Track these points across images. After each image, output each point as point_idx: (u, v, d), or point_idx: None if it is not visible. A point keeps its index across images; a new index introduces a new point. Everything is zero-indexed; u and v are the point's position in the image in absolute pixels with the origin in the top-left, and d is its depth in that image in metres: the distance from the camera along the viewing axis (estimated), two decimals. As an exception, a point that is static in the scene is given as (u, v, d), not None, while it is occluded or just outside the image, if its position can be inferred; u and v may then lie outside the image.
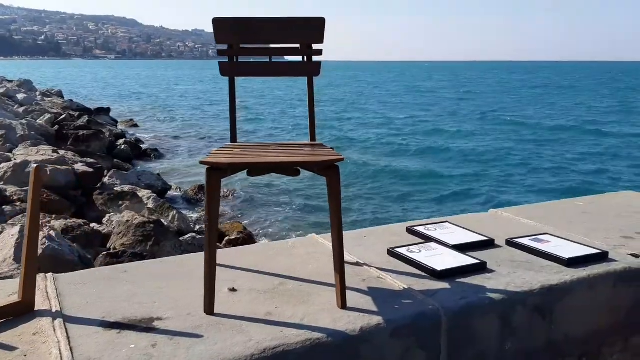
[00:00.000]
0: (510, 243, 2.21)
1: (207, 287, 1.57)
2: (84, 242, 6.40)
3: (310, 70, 1.96)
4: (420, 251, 2.08)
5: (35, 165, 1.51)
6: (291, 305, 1.66)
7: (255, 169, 1.61)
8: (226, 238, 8.42)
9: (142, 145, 16.89)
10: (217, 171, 1.55)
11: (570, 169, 14.88)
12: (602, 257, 2.05)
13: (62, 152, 10.18)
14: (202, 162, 1.54)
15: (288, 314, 1.60)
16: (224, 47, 1.93)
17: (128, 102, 37.32)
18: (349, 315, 1.59)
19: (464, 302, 1.69)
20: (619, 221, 2.56)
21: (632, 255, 2.10)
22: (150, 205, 8.85)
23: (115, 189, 9.42)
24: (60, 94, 26.39)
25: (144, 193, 9.48)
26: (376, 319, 1.57)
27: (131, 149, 15.55)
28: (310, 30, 1.93)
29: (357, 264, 2.02)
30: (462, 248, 2.13)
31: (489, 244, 2.22)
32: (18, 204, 7.14)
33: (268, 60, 1.96)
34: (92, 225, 7.34)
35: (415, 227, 2.39)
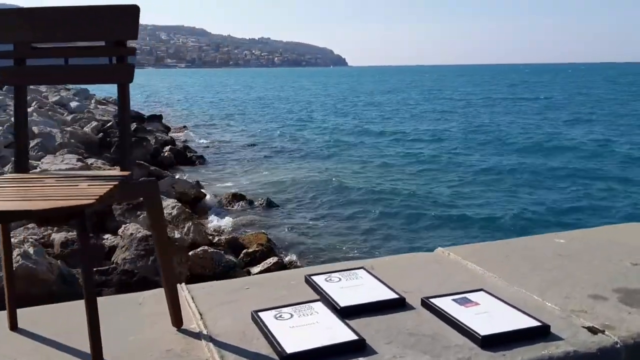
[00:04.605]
0: (426, 304, 1.64)
1: None
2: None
3: (120, 75, 1.45)
4: (291, 316, 1.55)
5: None
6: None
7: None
8: (244, 250, 8.02)
9: (188, 153, 16.84)
10: None
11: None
12: (539, 332, 1.45)
13: (90, 161, 10.14)
14: None
15: None
16: (10, 47, 1.48)
17: (196, 108, 38.08)
18: None
19: (288, 413, 1.16)
20: (600, 269, 1.91)
21: (589, 329, 1.48)
22: (174, 214, 8.62)
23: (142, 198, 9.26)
24: (116, 102, 26.93)
25: (168, 202, 9.26)
26: None
27: (175, 156, 15.53)
28: (120, 22, 1.44)
29: (198, 335, 1.51)
30: (351, 312, 1.58)
31: (395, 304, 1.64)
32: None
33: (63, 63, 1.49)
34: (107, 236, 7.16)
35: (314, 277, 1.84)
